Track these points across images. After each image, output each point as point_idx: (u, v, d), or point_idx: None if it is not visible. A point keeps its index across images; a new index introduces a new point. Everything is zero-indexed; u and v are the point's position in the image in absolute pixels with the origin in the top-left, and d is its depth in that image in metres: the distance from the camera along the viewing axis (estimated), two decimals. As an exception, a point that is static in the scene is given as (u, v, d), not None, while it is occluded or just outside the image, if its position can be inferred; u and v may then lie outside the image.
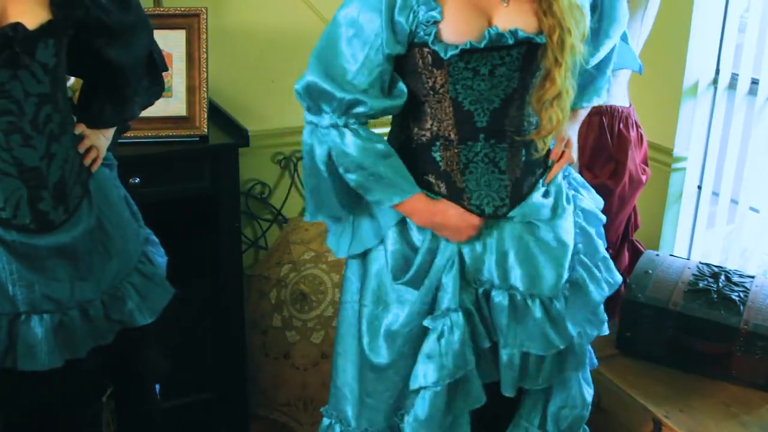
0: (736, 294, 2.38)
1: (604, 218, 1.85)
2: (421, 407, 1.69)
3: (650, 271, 2.49)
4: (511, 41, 1.54)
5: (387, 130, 1.89)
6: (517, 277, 1.68)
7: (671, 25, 2.68)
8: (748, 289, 2.39)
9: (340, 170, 1.61)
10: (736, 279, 2.45)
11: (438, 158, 1.66)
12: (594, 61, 1.73)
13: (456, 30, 1.53)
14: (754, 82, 2.63)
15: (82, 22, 1.63)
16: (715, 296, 2.38)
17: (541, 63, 1.58)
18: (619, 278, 1.85)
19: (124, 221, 1.84)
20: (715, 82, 2.76)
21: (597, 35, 1.71)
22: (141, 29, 1.77)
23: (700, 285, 2.42)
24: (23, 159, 1.61)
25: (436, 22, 1.52)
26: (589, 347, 1.98)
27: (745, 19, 2.66)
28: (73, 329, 1.71)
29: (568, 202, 1.76)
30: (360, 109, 1.56)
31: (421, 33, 1.53)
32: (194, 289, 2.44)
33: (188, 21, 2.33)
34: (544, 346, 1.70)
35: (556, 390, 1.81)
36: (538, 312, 1.69)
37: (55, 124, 1.65)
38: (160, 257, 1.95)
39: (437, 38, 1.53)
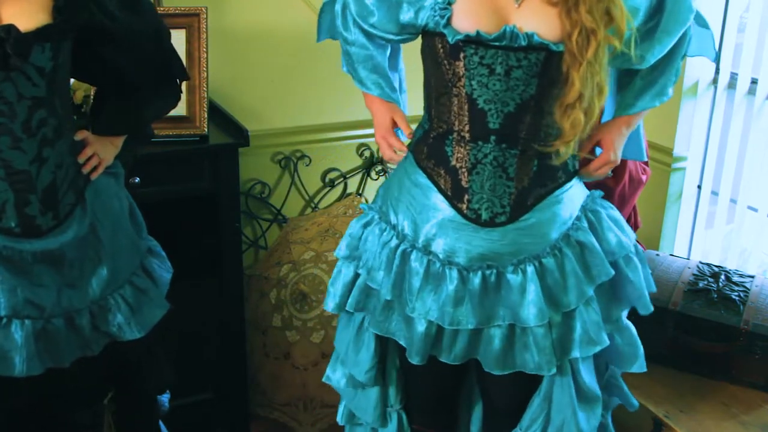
0: (736, 294, 2.38)
1: (610, 272, 1.70)
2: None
3: (650, 271, 2.49)
4: (524, 43, 1.53)
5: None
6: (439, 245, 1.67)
7: (671, 25, 2.68)
8: (748, 289, 2.39)
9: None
10: (736, 279, 2.45)
11: (449, 153, 1.66)
12: (652, 59, 1.66)
13: (466, 17, 1.55)
14: (754, 81, 2.63)
15: (85, 27, 1.61)
16: (715, 296, 2.38)
17: (563, 70, 1.55)
18: (605, 341, 1.72)
19: (121, 231, 1.79)
20: (714, 81, 2.76)
21: (654, 32, 1.64)
22: (153, 35, 1.73)
23: (700, 285, 2.42)
24: (11, 162, 1.59)
25: (450, 3, 1.56)
26: (621, 384, 1.94)
27: (745, 18, 2.66)
28: (56, 337, 1.68)
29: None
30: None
31: (437, 16, 1.56)
32: (194, 289, 2.44)
33: (188, 21, 2.33)
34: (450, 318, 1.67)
35: (554, 411, 1.78)
36: (453, 281, 1.66)
37: (50, 128, 1.62)
38: (166, 272, 1.91)
39: (448, 23, 1.56)
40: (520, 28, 1.54)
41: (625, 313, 1.83)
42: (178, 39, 2.31)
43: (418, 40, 1.69)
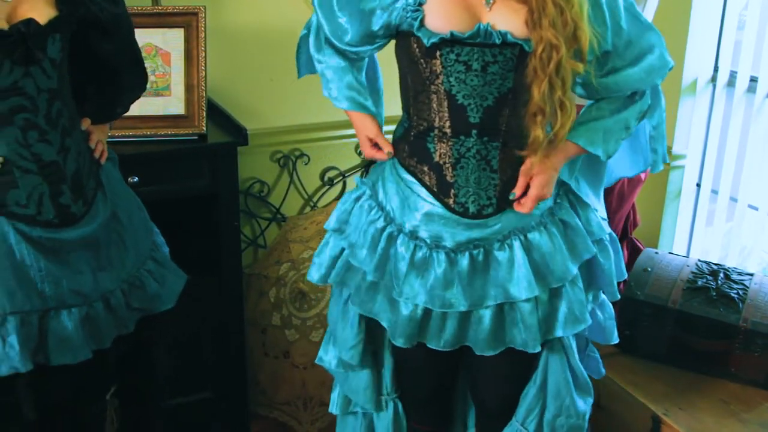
0: (735, 292, 2.38)
1: (593, 249, 1.73)
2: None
3: (649, 269, 2.50)
4: (498, 41, 1.55)
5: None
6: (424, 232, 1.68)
7: (670, 23, 2.68)
8: (747, 287, 2.39)
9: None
10: (735, 277, 2.45)
11: (432, 149, 1.67)
12: (601, 89, 1.65)
13: (439, 17, 1.56)
14: (753, 79, 2.64)
15: (83, 18, 1.68)
16: (715, 294, 2.38)
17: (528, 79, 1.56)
18: (588, 320, 1.73)
19: (134, 211, 1.89)
20: (713, 79, 2.77)
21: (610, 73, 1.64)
22: (127, 23, 1.82)
23: (699, 283, 2.42)
24: (41, 154, 1.65)
25: (420, 4, 1.57)
26: (596, 355, 1.97)
27: (744, 16, 2.66)
28: (98, 320, 1.75)
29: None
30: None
31: (409, 18, 1.57)
32: (193, 288, 2.43)
33: (187, 19, 2.32)
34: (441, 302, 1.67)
35: (550, 398, 1.80)
36: (441, 264, 1.67)
37: (66, 118, 1.69)
38: (164, 247, 1.99)
39: (422, 24, 1.57)
40: (493, 25, 1.55)
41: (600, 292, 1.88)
42: (177, 38, 2.31)
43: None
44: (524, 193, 1.67)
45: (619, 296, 1.86)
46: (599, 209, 1.82)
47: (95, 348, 1.75)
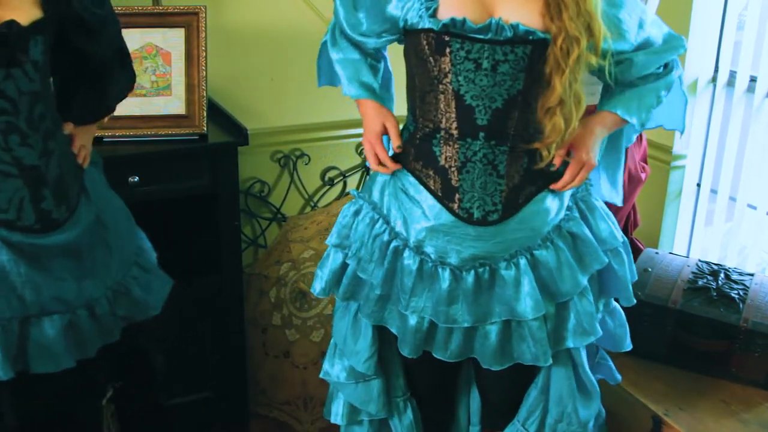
0: (736, 292, 2.38)
1: (604, 260, 1.73)
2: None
3: (650, 269, 2.50)
4: (510, 34, 1.54)
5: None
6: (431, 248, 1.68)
7: (670, 23, 2.65)
8: (748, 287, 2.39)
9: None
10: (735, 277, 2.45)
11: (437, 152, 1.66)
12: (626, 79, 1.68)
13: (452, 8, 1.56)
14: (753, 79, 2.64)
15: (66, 19, 1.66)
16: (715, 294, 2.38)
17: (546, 72, 1.56)
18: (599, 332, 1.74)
19: (119, 215, 1.86)
20: (713, 79, 2.76)
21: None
22: (113, 23, 1.80)
23: (700, 283, 2.42)
24: (23, 158, 1.62)
25: None
26: (609, 362, 1.97)
27: (744, 16, 2.66)
28: (81, 328, 1.72)
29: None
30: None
31: (423, 8, 1.57)
32: (194, 288, 2.43)
33: (187, 19, 2.32)
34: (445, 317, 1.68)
35: (552, 403, 1.80)
36: (446, 281, 1.67)
37: (49, 121, 1.66)
38: (152, 252, 1.96)
39: (434, 15, 1.57)
40: (506, 20, 1.54)
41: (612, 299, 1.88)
42: (177, 38, 2.31)
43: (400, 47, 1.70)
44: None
45: (635, 300, 1.84)
46: (616, 193, 1.82)
47: (79, 357, 1.72)
